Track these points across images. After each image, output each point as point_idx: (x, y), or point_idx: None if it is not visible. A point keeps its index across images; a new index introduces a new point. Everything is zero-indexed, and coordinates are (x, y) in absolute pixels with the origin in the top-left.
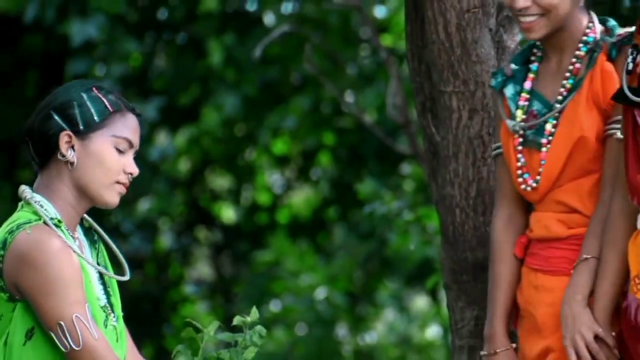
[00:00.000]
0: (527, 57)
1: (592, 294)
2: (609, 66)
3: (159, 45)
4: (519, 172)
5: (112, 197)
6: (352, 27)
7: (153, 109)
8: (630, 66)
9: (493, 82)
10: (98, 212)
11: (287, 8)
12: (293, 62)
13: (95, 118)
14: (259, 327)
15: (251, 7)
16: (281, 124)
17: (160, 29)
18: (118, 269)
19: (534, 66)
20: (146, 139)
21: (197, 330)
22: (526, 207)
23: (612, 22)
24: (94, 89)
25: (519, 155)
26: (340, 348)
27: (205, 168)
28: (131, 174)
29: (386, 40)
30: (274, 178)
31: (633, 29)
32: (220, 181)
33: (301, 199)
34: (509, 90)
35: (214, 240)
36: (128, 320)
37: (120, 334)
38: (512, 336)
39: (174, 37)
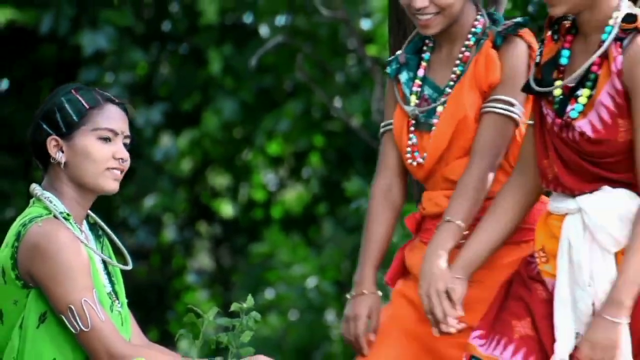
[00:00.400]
0: (419, 47)
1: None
2: (493, 52)
3: (163, 55)
4: (409, 149)
5: (108, 184)
6: (340, 39)
7: (158, 113)
8: (538, 59)
9: (388, 69)
10: (107, 208)
11: (280, 21)
12: (286, 70)
13: (74, 118)
14: (254, 313)
15: (248, 20)
16: (275, 127)
17: (165, 40)
18: (123, 261)
19: (426, 55)
20: (151, 140)
21: (198, 316)
22: (406, 181)
23: (498, 15)
24: (72, 91)
25: (411, 135)
26: (330, 332)
27: (205, 168)
28: (122, 158)
29: (371, 50)
30: (268, 177)
31: (519, 19)
32: (220, 180)
33: (293, 196)
34: (403, 77)
35: (214, 233)
36: (135, 307)
37: (125, 318)
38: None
39: (177, 48)
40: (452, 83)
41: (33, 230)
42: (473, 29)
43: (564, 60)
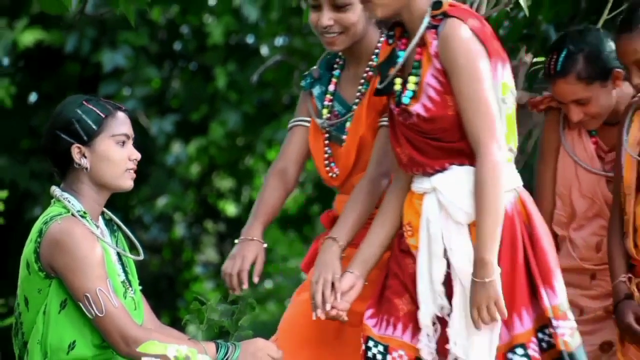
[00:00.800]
0: (331, 64)
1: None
2: (376, 81)
3: (175, 72)
4: (326, 162)
5: (126, 183)
6: None
7: (169, 123)
8: (376, 61)
9: (303, 83)
10: (125, 207)
11: (279, 41)
12: (284, 85)
13: (94, 127)
14: (250, 300)
15: (250, 40)
16: (274, 136)
17: (176, 58)
18: (136, 253)
19: (336, 72)
20: (163, 148)
21: (202, 304)
22: (300, 171)
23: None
24: (84, 102)
25: (326, 148)
26: None
27: (212, 172)
28: (135, 159)
29: None
30: None
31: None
32: (225, 182)
33: (290, 197)
34: (316, 91)
35: (219, 230)
36: (149, 295)
37: (138, 303)
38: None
39: (187, 65)
40: (357, 100)
41: (53, 227)
42: (376, 50)
43: (400, 59)
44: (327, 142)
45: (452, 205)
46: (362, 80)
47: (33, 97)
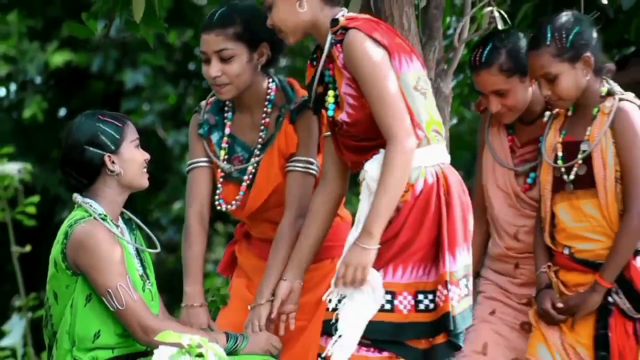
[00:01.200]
0: (221, 106)
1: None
2: (291, 128)
3: (189, 89)
4: (217, 197)
5: (145, 181)
6: None
7: (184, 135)
8: (307, 83)
9: (201, 131)
10: (144, 210)
11: (282, 62)
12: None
13: (117, 136)
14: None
15: None
16: None
17: (190, 77)
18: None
19: (229, 115)
20: (179, 157)
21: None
22: (212, 209)
23: (284, 83)
24: (100, 116)
25: (219, 185)
26: None
27: None
28: (147, 159)
29: None
30: None
31: (305, 97)
32: None
33: None
34: (215, 137)
35: (228, 231)
36: (164, 290)
37: (154, 294)
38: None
39: (200, 83)
40: (260, 145)
41: (77, 230)
42: (268, 97)
43: (328, 79)
44: (221, 180)
45: (370, 178)
46: (262, 127)
47: (62, 112)
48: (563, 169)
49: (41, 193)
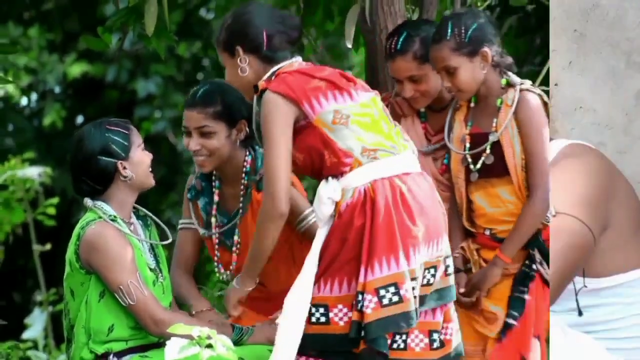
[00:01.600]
0: (209, 175)
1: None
2: (259, 196)
3: None
4: (215, 263)
5: (152, 180)
6: None
7: None
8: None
9: (189, 195)
10: (156, 210)
11: None
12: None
13: (125, 143)
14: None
15: None
16: None
17: None
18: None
19: (217, 183)
20: (189, 160)
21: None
22: (197, 262)
23: (258, 153)
24: (107, 126)
25: (216, 251)
26: None
27: None
28: (151, 159)
29: None
30: None
31: None
32: None
33: None
34: (201, 202)
35: None
36: None
37: (166, 288)
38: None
39: None
40: (240, 214)
41: (88, 232)
42: (244, 169)
43: None
44: (217, 246)
45: (317, 208)
46: (241, 198)
47: (80, 119)
48: (470, 159)
49: (60, 195)
